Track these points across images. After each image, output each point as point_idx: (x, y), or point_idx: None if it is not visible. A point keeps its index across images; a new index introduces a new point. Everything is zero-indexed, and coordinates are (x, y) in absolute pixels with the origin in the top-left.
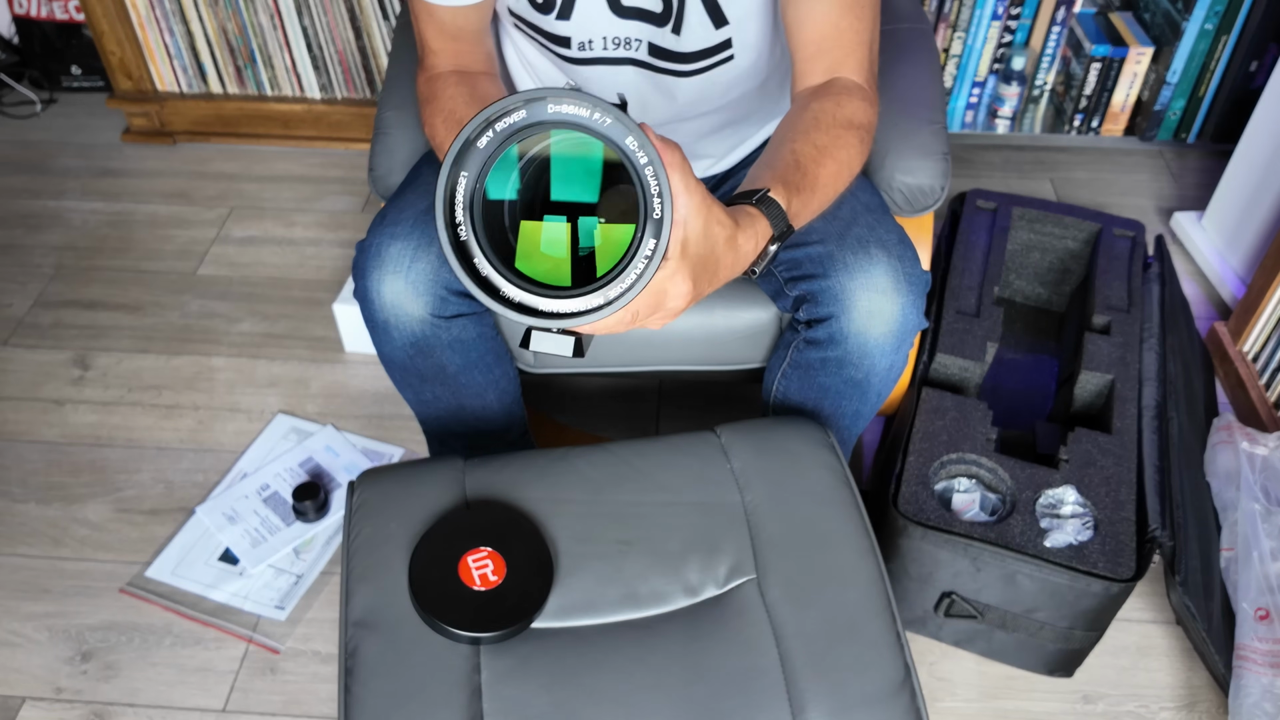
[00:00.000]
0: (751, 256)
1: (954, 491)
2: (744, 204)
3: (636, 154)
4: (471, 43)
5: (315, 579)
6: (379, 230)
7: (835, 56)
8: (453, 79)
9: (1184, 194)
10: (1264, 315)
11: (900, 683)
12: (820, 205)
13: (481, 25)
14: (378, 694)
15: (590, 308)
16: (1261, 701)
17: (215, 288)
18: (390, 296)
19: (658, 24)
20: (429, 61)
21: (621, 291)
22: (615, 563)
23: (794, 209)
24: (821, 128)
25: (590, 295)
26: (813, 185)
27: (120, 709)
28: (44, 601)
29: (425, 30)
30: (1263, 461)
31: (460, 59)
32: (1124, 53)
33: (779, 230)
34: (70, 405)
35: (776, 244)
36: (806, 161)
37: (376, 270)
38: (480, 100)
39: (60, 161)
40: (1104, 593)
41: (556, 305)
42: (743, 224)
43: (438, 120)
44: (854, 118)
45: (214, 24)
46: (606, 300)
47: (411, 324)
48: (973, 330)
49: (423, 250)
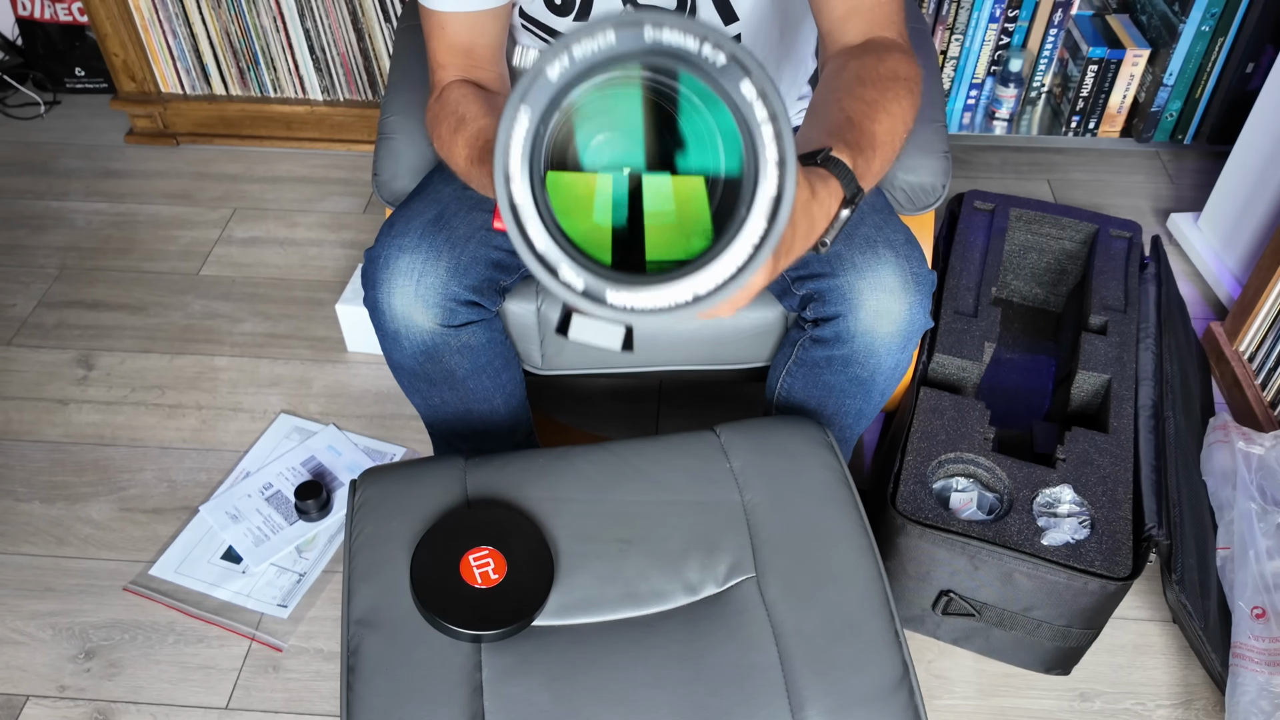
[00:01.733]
0: (824, 224)
1: (952, 490)
2: (808, 164)
3: (753, 106)
4: (485, 60)
5: (317, 577)
6: (387, 241)
7: (867, 17)
8: (460, 85)
9: (1180, 195)
10: (1260, 315)
11: (898, 680)
12: (883, 165)
13: (496, 40)
14: (380, 692)
15: (672, 305)
16: (1258, 699)
17: (218, 288)
18: (401, 308)
19: None
20: (436, 78)
21: (715, 287)
22: (615, 561)
23: (859, 169)
24: (867, 83)
25: (671, 285)
26: (871, 142)
27: (124, 707)
28: (48, 600)
29: (436, 47)
30: (1259, 461)
31: (471, 73)
32: (1121, 54)
33: (850, 192)
34: (74, 405)
35: (850, 208)
36: (859, 118)
37: (386, 282)
38: (495, 107)
39: (64, 163)
40: (1101, 591)
41: (627, 297)
42: (816, 187)
43: (443, 128)
44: (898, 70)
45: (217, 26)
46: (695, 296)
47: (421, 334)
48: (970, 330)
49: (431, 264)
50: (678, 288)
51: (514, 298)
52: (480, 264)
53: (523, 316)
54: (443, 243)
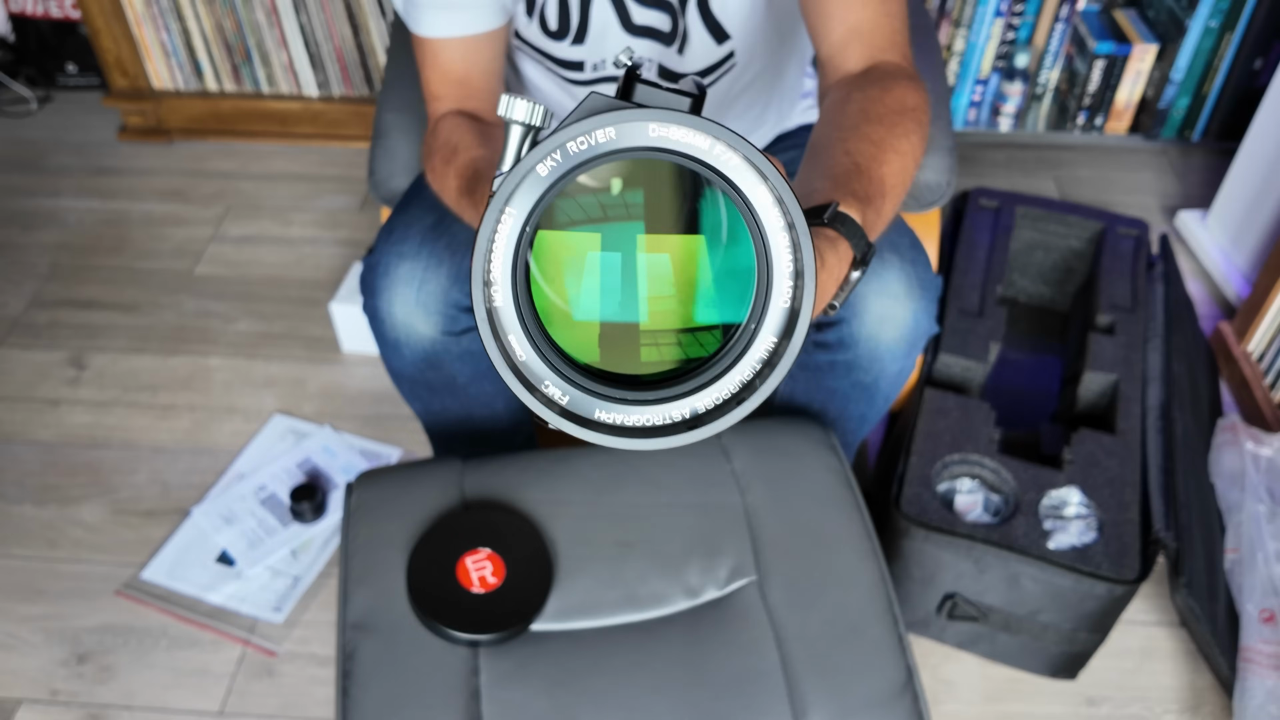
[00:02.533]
0: (834, 291)
1: (957, 492)
2: (815, 224)
3: (767, 210)
4: (480, 90)
5: (313, 581)
6: (386, 248)
7: (868, 41)
8: (452, 117)
9: (1188, 192)
10: (1269, 315)
11: (902, 685)
12: (891, 211)
13: (492, 68)
14: (375, 697)
15: (665, 422)
16: (1266, 704)
17: (212, 287)
18: (402, 316)
19: (665, 43)
20: (431, 109)
21: (715, 405)
22: (615, 564)
23: (868, 221)
24: (872, 119)
25: (666, 405)
26: (880, 189)
27: (116, 711)
28: (40, 603)
29: (430, 78)
30: (1267, 462)
31: (466, 104)
32: (1128, 50)
33: (860, 252)
34: (66, 405)
35: (861, 270)
36: (866, 162)
37: (387, 290)
38: (488, 137)
39: (56, 160)
40: (1108, 594)
41: (617, 415)
42: (825, 255)
43: (436, 160)
44: (905, 101)
45: (210, 21)
46: (693, 412)
47: (423, 341)
48: (976, 330)
49: (432, 270)
50: (673, 407)
51: None
52: None
53: None
54: (443, 248)
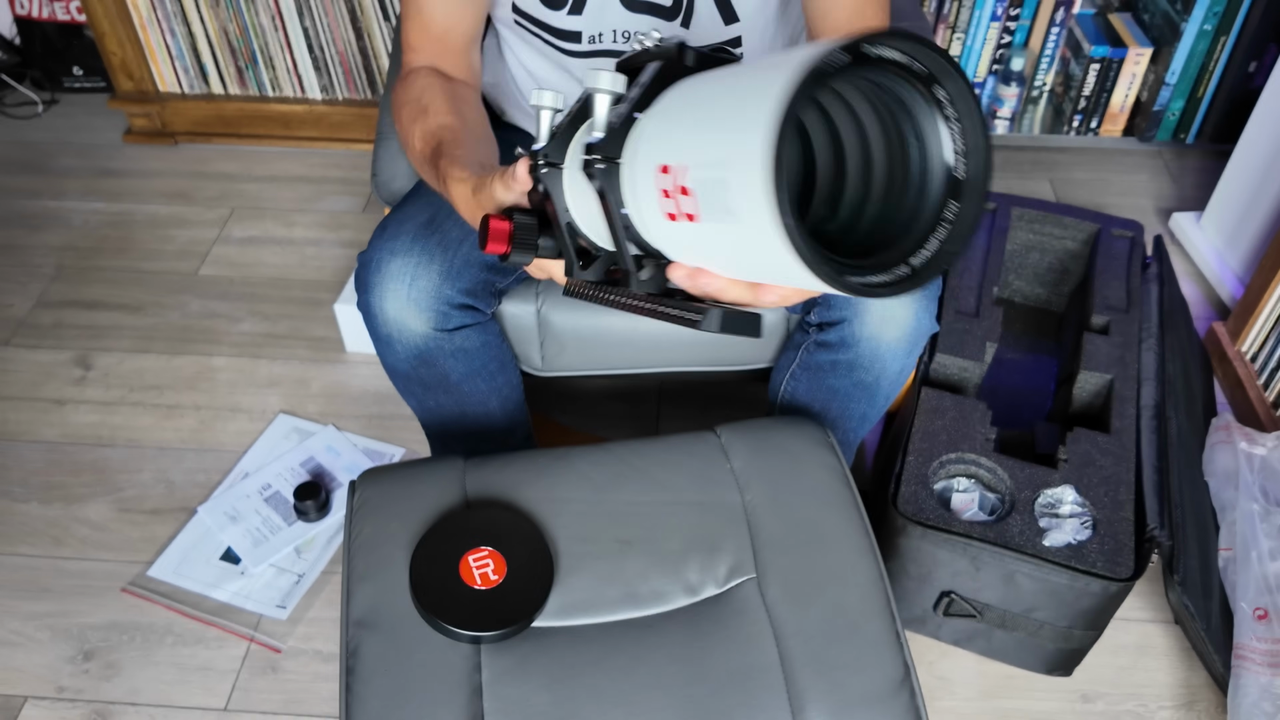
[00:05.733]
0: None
1: (953, 491)
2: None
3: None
4: (456, 47)
5: (316, 578)
6: (379, 245)
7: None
8: (427, 73)
9: (1183, 194)
10: (1262, 315)
11: (900, 682)
12: None
13: (471, 31)
14: (379, 693)
15: (884, 281)
16: (1260, 701)
17: (216, 288)
18: (393, 312)
19: (667, 18)
20: (405, 59)
21: (913, 270)
22: (615, 562)
23: None
24: None
25: (884, 271)
26: None
27: (122, 708)
28: (45, 601)
29: (410, 28)
30: (1261, 461)
31: (441, 60)
32: (1123, 53)
33: None
34: (71, 405)
35: None
36: None
37: (378, 286)
38: (459, 103)
39: (61, 162)
40: (1103, 592)
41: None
42: None
43: (405, 113)
44: None
45: (215, 25)
46: (907, 272)
47: (414, 338)
48: (972, 330)
49: (423, 267)
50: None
51: (512, 299)
52: (474, 266)
53: (522, 318)
54: (435, 245)
